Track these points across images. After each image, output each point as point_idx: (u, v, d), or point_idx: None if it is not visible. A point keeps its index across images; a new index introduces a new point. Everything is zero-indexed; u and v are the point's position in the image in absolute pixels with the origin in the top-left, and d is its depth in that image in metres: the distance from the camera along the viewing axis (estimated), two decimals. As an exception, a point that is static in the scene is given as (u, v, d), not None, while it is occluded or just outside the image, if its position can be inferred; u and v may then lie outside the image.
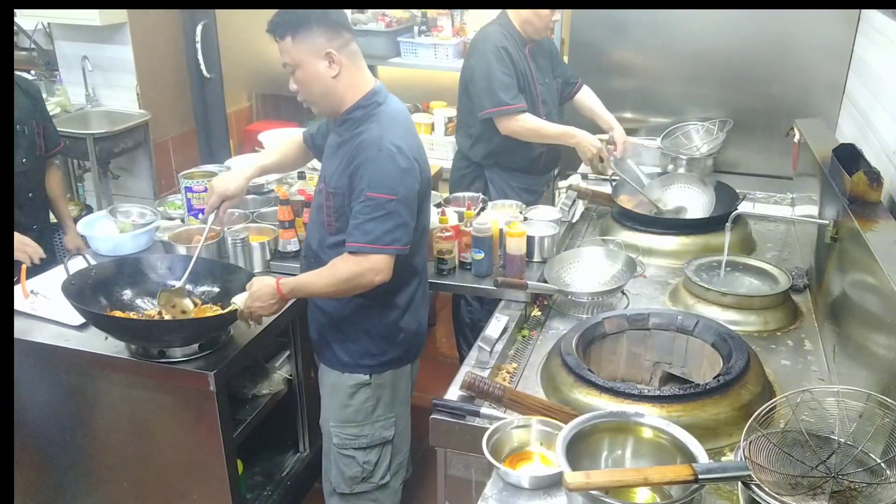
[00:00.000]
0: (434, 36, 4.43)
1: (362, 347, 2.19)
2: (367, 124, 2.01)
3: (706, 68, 3.43)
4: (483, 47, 2.94)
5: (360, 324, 2.17)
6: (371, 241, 1.95)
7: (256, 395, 2.48)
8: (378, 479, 2.31)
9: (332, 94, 2.02)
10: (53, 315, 2.27)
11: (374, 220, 1.95)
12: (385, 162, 1.95)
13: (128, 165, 4.55)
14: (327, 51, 1.95)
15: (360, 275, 1.98)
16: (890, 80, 2.49)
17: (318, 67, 1.97)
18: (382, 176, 1.95)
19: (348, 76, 2.00)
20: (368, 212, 1.95)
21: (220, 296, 2.25)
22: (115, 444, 2.30)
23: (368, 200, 1.95)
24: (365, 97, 2.04)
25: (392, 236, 1.96)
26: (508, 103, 2.91)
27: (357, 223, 1.97)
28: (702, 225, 2.67)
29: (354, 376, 2.20)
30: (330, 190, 2.08)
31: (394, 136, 1.98)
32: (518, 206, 2.79)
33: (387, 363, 2.22)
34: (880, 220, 1.86)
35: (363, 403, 2.22)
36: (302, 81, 2.01)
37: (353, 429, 2.24)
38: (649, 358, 2.02)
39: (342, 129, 2.08)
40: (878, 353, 1.60)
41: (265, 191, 3.04)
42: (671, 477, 1.35)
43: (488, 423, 1.67)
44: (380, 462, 2.29)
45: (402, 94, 2.22)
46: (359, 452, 2.26)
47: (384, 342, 2.19)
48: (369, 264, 1.97)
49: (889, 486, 1.32)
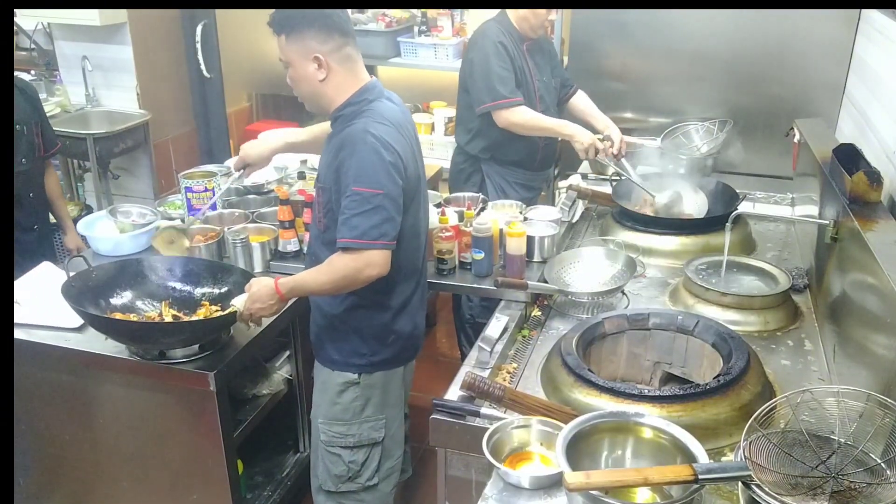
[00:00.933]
0: (434, 36, 4.43)
1: (352, 346, 2.18)
2: (355, 119, 2.02)
3: (706, 68, 3.43)
4: (482, 42, 2.99)
5: (351, 322, 2.16)
6: (358, 236, 1.94)
7: (256, 395, 2.48)
8: (365, 479, 2.28)
9: (319, 95, 2.05)
10: (43, 321, 2.25)
11: (360, 215, 1.94)
12: (369, 154, 1.94)
13: (128, 165, 4.55)
14: (315, 54, 1.97)
15: (358, 270, 1.97)
16: (890, 80, 2.49)
17: (306, 69, 1.99)
18: (367, 169, 1.94)
19: (336, 81, 2.02)
20: (355, 206, 1.94)
21: (220, 297, 2.25)
22: (115, 444, 2.30)
23: (354, 195, 1.94)
24: (355, 94, 2.04)
25: (379, 231, 1.95)
26: (506, 96, 2.95)
27: (344, 218, 1.96)
28: (702, 225, 2.67)
29: (343, 374, 2.19)
30: (320, 185, 2.09)
31: (378, 129, 1.98)
32: (518, 206, 2.79)
33: (377, 364, 2.20)
34: (880, 220, 1.86)
35: (351, 402, 2.21)
36: (293, 79, 2.04)
37: (340, 427, 2.23)
38: (649, 358, 2.02)
39: (335, 127, 2.10)
40: (878, 353, 1.60)
41: (265, 191, 3.04)
42: (671, 477, 1.35)
43: (488, 423, 1.67)
44: (367, 463, 2.27)
45: (402, 94, 2.22)
46: (345, 451, 2.24)
47: (375, 342, 2.18)
48: (364, 260, 1.96)
49: (889, 486, 1.32)
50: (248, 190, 3.05)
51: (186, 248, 2.18)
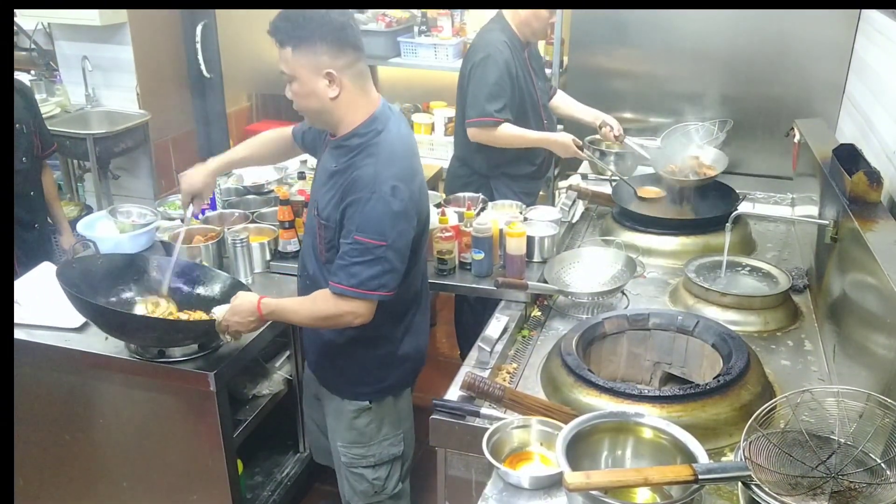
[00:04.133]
0: (434, 36, 4.43)
1: (358, 377, 2.13)
2: (363, 156, 1.89)
3: (706, 68, 3.43)
4: (482, 55, 2.89)
5: (354, 355, 2.10)
6: (355, 284, 1.87)
7: (256, 395, 2.48)
8: (391, 489, 2.27)
9: (328, 113, 1.91)
10: (43, 321, 2.25)
11: (360, 265, 1.86)
12: (377, 205, 1.84)
13: (128, 165, 4.55)
14: (328, 70, 1.82)
15: (339, 316, 1.91)
16: (890, 80, 2.49)
17: (316, 85, 1.84)
18: (373, 220, 1.85)
19: (348, 98, 1.88)
20: (355, 255, 1.86)
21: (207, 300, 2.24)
22: (115, 445, 2.30)
23: (356, 244, 1.86)
24: (364, 124, 1.92)
25: (378, 282, 1.88)
26: (492, 115, 2.88)
27: (343, 264, 1.88)
28: (702, 225, 2.67)
29: (355, 402, 2.15)
30: (322, 221, 1.98)
31: (390, 175, 1.86)
32: (518, 206, 2.79)
33: (385, 389, 2.16)
34: (880, 220, 1.86)
35: (366, 426, 2.17)
36: (298, 94, 1.88)
37: (359, 449, 2.19)
38: (649, 358, 2.02)
39: (337, 154, 1.97)
40: (878, 353, 1.60)
41: (265, 191, 3.04)
42: (671, 477, 1.35)
43: (488, 424, 1.67)
44: (390, 476, 2.25)
45: (402, 94, 2.22)
46: (367, 470, 2.22)
47: (380, 371, 2.13)
48: (349, 308, 1.89)
49: (889, 486, 1.32)
50: (248, 190, 3.05)
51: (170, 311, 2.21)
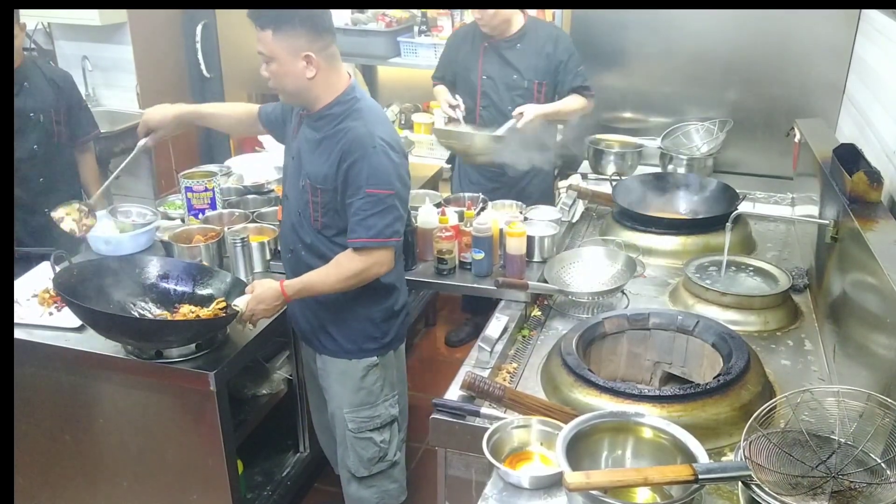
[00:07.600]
0: (434, 36, 4.42)
1: (365, 332, 2.24)
2: (350, 120, 2.05)
3: (706, 68, 3.43)
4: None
5: (360, 311, 2.22)
6: (374, 235, 2.02)
7: (256, 395, 2.49)
8: (392, 455, 2.38)
9: (305, 92, 2.06)
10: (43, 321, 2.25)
11: (375, 215, 2.01)
12: (381, 158, 2.01)
13: (128, 165, 4.54)
14: (307, 53, 1.97)
15: (367, 269, 2.06)
16: (890, 80, 2.49)
17: (295, 66, 1.99)
18: (380, 172, 2.01)
19: (324, 78, 2.03)
20: (369, 207, 2.01)
21: (201, 298, 2.23)
22: (115, 444, 2.30)
23: (369, 196, 2.01)
24: (342, 94, 2.08)
25: (392, 229, 2.05)
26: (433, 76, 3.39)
27: (359, 219, 2.02)
28: (702, 225, 2.67)
29: (363, 360, 2.25)
30: (318, 186, 2.09)
31: (382, 132, 2.05)
32: (518, 205, 2.79)
33: (389, 343, 2.30)
34: (880, 220, 1.86)
35: (373, 384, 2.28)
36: (276, 74, 2.03)
37: (367, 411, 2.30)
38: (649, 358, 2.02)
39: (320, 125, 2.10)
40: (878, 353, 1.60)
41: (265, 190, 3.04)
42: (671, 477, 1.35)
43: (488, 423, 1.67)
44: (391, 439, 2.37)
45: (402, 94, 2.25)
46: (374, 433, 2.32)
47: (385, 325, 2.26)
48: (374, 259, 2.05)
49: (889, 486, 1.32)
50: (248, 190, 3.05)
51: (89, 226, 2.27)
